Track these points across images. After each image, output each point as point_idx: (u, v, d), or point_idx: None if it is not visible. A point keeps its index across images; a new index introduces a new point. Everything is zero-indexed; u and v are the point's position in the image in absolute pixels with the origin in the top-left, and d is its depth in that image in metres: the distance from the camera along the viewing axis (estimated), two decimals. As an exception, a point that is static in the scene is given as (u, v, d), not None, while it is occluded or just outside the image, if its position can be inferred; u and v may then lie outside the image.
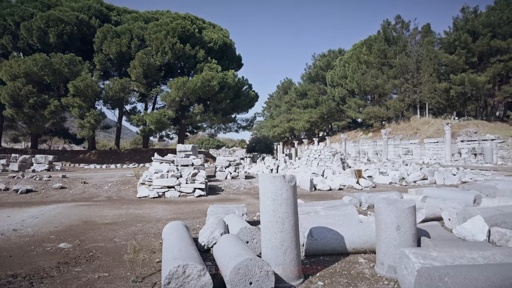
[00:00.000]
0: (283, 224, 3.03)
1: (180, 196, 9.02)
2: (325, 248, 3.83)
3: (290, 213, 3.06)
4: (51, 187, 9.71)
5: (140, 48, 27.57)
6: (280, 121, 55.18)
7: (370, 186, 11.52)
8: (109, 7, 30.51)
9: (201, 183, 9.17)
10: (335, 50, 49.72)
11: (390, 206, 3.15)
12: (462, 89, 25.98)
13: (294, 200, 3.10)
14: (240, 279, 2.67)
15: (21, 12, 25.80)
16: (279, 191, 3.04)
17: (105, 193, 9.55)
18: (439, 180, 13.06)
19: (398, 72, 32.61)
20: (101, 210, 7.08)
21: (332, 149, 17.18)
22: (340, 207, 5.12)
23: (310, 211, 5.06)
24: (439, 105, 29.55)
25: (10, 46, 26.08)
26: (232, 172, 13.00)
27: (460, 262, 2.67)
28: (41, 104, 25.09)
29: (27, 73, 24.05)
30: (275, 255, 3.03)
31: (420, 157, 28.58)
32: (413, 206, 3.13)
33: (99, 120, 26.58)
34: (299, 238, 3.21)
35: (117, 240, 4.67)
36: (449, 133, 22.08)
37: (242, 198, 9.01)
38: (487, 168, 17.65)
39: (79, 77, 24.86)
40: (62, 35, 25.91)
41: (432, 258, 2.69)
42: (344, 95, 40.62)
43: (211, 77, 27.99)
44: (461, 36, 25.37)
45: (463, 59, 25.70)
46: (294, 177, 3.13)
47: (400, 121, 34.22)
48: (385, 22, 35.45)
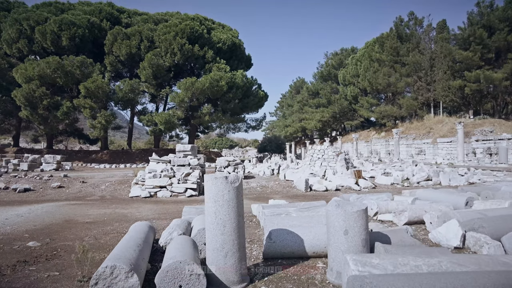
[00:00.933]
0: (224, 226, 2.95)
1: (171, 196, 9.05)
2: (284, 251, 3.72)
3: (233, 215, 2.97)
4: (49, 186, 9.96)
5: (150, 50, 27.98)
6: (292, 120, 54.81)
7: (369, 187, 11.23)
8: (120, 10, 31.12)
9: (193, 183, 9.17)
10: (347, 48, 48.96)
11: (338, 209, 3.01)
12: (477, 87, 25.01)
13: (237, 202, 3.00)
14: (168, 281, 2.61)
15: (36, 17, 26.67)
16: (220, 192, 2.95)
17: (100, 192, 9.70)
18: (444, 181, 12.60)
19: (411, 70, 31.75)
20: (88, 209, 7.18)
21: (336, 149, 16.86)
22: (313, 209, 4.98)
23: (282, 212, 4.95)
24: (454, 104, 28.56)
25: (26, 50, 27.01)
26: (231, 172, 12.96)
27: (401, 270, 2.51)
28: (54, 105, 25.86)
29: (40, 75, 24.85)
30: (216, 258, 2.96)
31: (433, 157, 27.72)
32: (363, 209, 2.98)
33: (109, 120, 27.14)
34: (244, 241, 3.11)
35: (87, 239, 4.70)
36: (462, 132, 21.30)
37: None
38: (500, 168, 16.90)
39: (90, 79, 25.47)
40: (74, 38, 26.62)
41: (372, 266, 2.55)
42: (356, 94, 39.91)
43: (220, 77, 28.10)
44: (476, 32, 24.41)
45: (478, 55, 24.72)
46: (238, 177, 3.04)
47: (414, 120, 33.31)
48: (398, 19, 34.59)
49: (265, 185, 11.31)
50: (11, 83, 26.25)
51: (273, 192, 10.22)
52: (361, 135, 42.00)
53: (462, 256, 2.68)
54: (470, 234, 4.01)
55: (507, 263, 2.61)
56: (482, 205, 6.13)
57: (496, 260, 2.64)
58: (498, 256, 2.77)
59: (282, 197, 9.32)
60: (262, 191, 10.44)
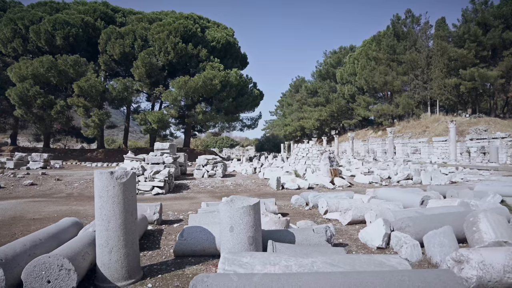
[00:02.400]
0: (108, 222, 2.90)
1: (138, 194, 9.02)
2: (195, 248, 3.66)
3: (118, 211, 2.91)
4: (21, 184, 10.01)
5: (144, 49, 28.04)
6: (291, 120, 54.67)
7: (344, 186, 11.11)
8: (115, 9, 31.24)
9: (159, 181, 9.13)
10: (346, 47, 48.62)
11: (225, 205, 2.94)
12: (472, 85, 24.64)
13: (124, 198, 2.94)
14: (36, 276, 2.56)
15: (31, 16, 26.87)
16: (105, 188, 2.90)
17: (70, 190, 9.73)
18: (425, 180, 12.44)
19: (407, 68, 31.43)
20: (45, 206, 7.18)
21: (321, 148, 16.74)
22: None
23: (215, 210, 4.88)
24: (449, 102, 28.19)
25: (21, 49, 27.24)
26: (210, 170, 12.92)
27: (269, 270, 2.44)
28: (48, 104, 26.04)
29: (34, 74, 25.03)
30: (101, 254, 2.91)
31: (428, 156, 27.40)
32: (250, 205, 2.90)
33: (103, 119, 27.27)
34: (135, 237, 3.06)
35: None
36: (454, 131, 21.00)
37: (199, 196, 8.90)
38: (488, 167, 16.61)
39: (83, 78, 25.61)
40: (68, 37, 26.78)
41: (239, 265, 2.48)
42: (353, 93, 39.65)
43: (213, 75, 28.06)
44: (471, 29, 24.04)
45: (473, 52, 24.34)
46: (127, 173, 2.99)
47: (410, 119, 32.96)
48: (395, 17, 34.25)
49: (240, 184, 11.24)
50: (6, 82, 26.51)
51: (243, 191, 10.15)
52: (358, 134, 41.71)
53: (340, 256, 2.59)
54: (394, 234, 3.90)
55: (383, 263, 2.51)
56: (435, 203, 6.00)
57: (373, 260, 2.54)
58: (378, 256, 2.67)
59: (249, 195, 9.25)
60: (234, 189, 10.37)
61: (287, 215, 6.36)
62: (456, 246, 3.46)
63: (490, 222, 3.44)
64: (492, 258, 2.79)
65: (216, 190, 10.14)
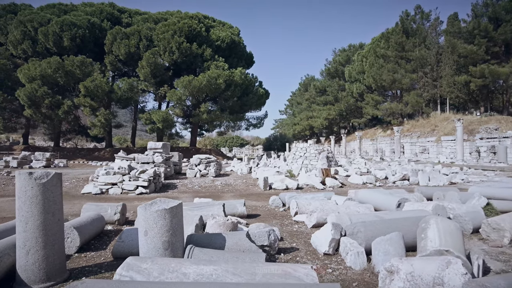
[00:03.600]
0: (26, 223, 2.84)
1: (122, 193, 9.05)
2: (132, 250, 3.57)
3: (36, 212, 2.85)
4: (13, 183, 10.20)
5: (149, 49, 28.28)
6: (300, 119, 54.21)
7: (335, 186, 10.86)
8: (121, 10, 31.64)
9: (143, 181, 9.13)
10: (355, 45, 47.83)
11: (141, 209, 2.84)
12: (482, 82, 23.77)
13: (44, 198, 2.88)
14: None
15: (39, 18, 27.50)
16: (23, 188, 2.85)
17: (59, 189, 9.85)
18: (422, 181, 12.06)
19: (416, 65, 30.63)
20: (25, 205, 7.25)
21: (319, 147, 16.45)
22: (206, 207, 4.79)
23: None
24: (459, 100, 27.30)
25: (30, 51, 27.91)
26: (202, 170, 12.88)
27: (166, 277, 2.32)
28: (56, 104, 26.61)
29: (42, 75, 25.62)
30: (19, 256, 2.85)
31: (437, 156, 26.64)
32: (164, 209, 2.78)
33: (109, 119, 27.67)
34: (56, 239, 2.99)
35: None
36: (461, 130, 20.31)
37: (182, 196, 8.84)
38: (494, 168, 15.94)
39: (89, 78, 26.04)
40: (75, 38, 27.28)
41: (138, 271, 2.37)
42: (362, 91, 38.95)
43: (217, 75, 28.05)
44: (481, 24, 23.17)
45: (483, 49, 23.47)
46: (47, 174, 2.92)
47: (419, 118, 32.13)
48: (404, 14, 33.41)
49: (230, 184, 11.14)
50: (16, 83, 27.21)
51: (230, 191, 10.05)
52: (367, 133, 40.99)
53: (246, 265, 2.43)
54: (342, 240, 3.71)
55: (289, 274, 2.34)
56: (411, 207, 5.74)
57: (280, 271, 2.38)
58: (289, 266, 2.49)
59: (234, 195, 9.15)
60: (221, 189, 10.28)
61: (258, 216, 6.22)
62: (402, 254, 3.25)
63: (439, 229, 3.21)
64: (423, 269, 2.59)
65: (202, 190, 10.07)
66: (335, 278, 3.10)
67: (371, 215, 4.49)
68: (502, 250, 4.02)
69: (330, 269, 3.29)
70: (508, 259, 3.68)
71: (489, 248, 4.10)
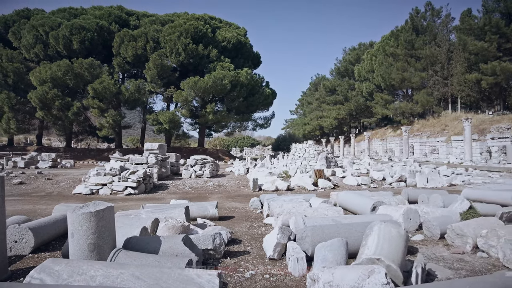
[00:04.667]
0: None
1: (111, 193, 9.20)
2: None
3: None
4: (11, 183, 10.54)
5: (155, 50, 28.68)
6: (310, 119, 53.82)
7: (328, 187, 10.71)
8: (129, 13, 32.18)
9: (132, 182, 9.25)
10: (365, 43, 47.10)
11: (69, 212, 2.87)
12: (494, 80, 22.97)
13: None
14: None
15: (50, 23, 28.31)
16: (-42, 192, 2.92)
17: (53, 189, 10.10)
18: (420, 182, 11.77)
19: (426, 63, 29.90)
20: (11, 205, 7.46)
21: (318, 148, 16.28)
22: (167, 210, 4.80)
23: (132, 213, 4.83)
24: (471, 99, 26.46)
25: (42, 54, 28.76)
26: (198, 170, 12.95)
27: (75, 279, 2.33)
28: (65, 106, 27.33)
29: (52, 78, 26.37)
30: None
31: (446, 156, 25.93)
32: (89, 212, 2.80)
33: (117, 120, 28.20)
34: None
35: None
36: (469, 129, 19.67)
37: (169, 198, 8.90)
38: (501, 169, 15.34)
39: (97, 80, 26.63)
40: (84, 41, 27.95)
41: (49, 273, 2.39)
42: (371, 90, 38.31)
43: (223, 75, 28.17)
44: (492, 20, 22.38)
45: (495, 45, 22.67)
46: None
47: (430, 117, 31.34)
48: (414, 11, 32.67)
49: (222, 184, 11.16)
50: (29, 85, 28.11)
51: (220, 192, 10.06)
52: (377, 133, 40.30)
53: (154, 270, 2.41)
54: (288, 244, 3.64)
55: (192, 280, 2.30)
56: (384, 210, 5.60)
57: (183, 276, 2.34)
58: (193, 271, 2.43)
59: (221, 197, 9.15)
60: (211, 190, 10.31)
61: (232, 218, 6.20)
62: (342, 261, 3.16)
63: (379, 236, 3.11)
64: (343, 278, 2.51)
65: (192, 191, 10.12)
66: (270, 284, 3.05)
67: (329, 219, 4.39)
68: (461, 257, 3.86)
69: (268, 275, 3.24)
70: (462, 267, 3.53)
71: (449, 255, 3.95)
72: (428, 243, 4.50)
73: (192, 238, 3.63)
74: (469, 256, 3.92)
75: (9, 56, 27.92)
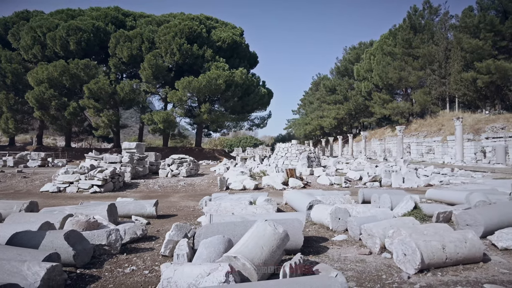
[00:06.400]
0: None
1: (77, 191, 9.34)
2: None
3: None
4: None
5: (151, 51, 28.93)
6: (311, 118, 53.55)
7: (298, 186, 10.66)
8: (126, 14, 32.52)
9: (98, 180, 9.36)
10: (366, 42, 46.65)
11: None
12: (489, 78, 22.52)
13: None
14: None
15: (48, 24, 28.80)
16: None
17: (24, 187, 10.29)
18: (395, 182, 11.65)
19: (424, 62, 29.48)
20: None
21: (301, 147, 16.21)
22: (90, 207, 4.85)
23: (57, 209, 4.89)
24: (467, 98, 25.99)
25: (40, 55, 29.27)
26: (174, 170, 13.03)
27: None
28: (62, 106, 27.78)
29: (49, 78, 26.82)
30: None
31: (442, 156, 25.55)
32: None
33: (112, 120, 28.53)
34: None
35: None
36: (460, 129, 19.35)
37: (132, 196, 8.97)
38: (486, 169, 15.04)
39: (93, 80, 26.99)
40: (80, 42, 28.35)
41: None
42: (370, 90, 37.93)
43: (217, 75, 28.26)
44: (487, 17, 21.94)
45: (490, 43, 22.22)
46: None
47: (427, 117, 30.91)
48: (412, 9, 32.25)
49: (194, 183, 11.21)
50: (27, 86, 28.65)
51: (185, 191, 10.11)
52: (376, 133, 39.93)
53: (2, 263, 2.47)
54: (180, 242, 3.64)
55: (19, 271, 2.35)
56: (317, 209, 5.57)
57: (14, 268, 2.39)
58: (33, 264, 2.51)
59: (184, 195, 9.19)
60: (179, 189, 10.36)
61: (173, 216, 6.24)
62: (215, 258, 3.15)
63: (252, 234, 3.08)
64: (183, 275, 2.52)
65: (159, 190, 10.19)
66: (143, 279, 3.07)
67: (238, 217, 4.39)
68: (364, 258, 3.80)
69: (148, 271, 3.26)
70: (352, 268, 3.49)
71: (354, 256, 3.89)
72: (346, 243, 4.44)
73: (86, 234, 3.67)
74: (373, 257, 3.86)
75: (8, 57, 28.51)
